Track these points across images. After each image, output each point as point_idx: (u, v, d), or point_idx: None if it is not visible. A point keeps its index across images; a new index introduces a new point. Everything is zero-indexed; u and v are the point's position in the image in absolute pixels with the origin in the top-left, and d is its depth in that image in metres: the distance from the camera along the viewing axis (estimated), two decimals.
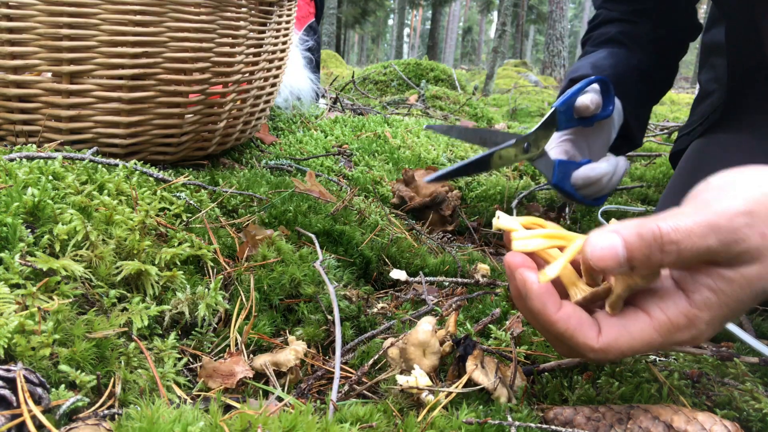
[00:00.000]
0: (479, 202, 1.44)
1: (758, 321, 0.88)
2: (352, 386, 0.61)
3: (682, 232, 0.45)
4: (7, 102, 0.92)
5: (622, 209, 1.39)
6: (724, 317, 0.47)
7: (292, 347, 0.65)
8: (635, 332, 0.48)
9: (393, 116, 2.08)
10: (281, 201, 0.99)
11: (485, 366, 0.60)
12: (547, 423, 0.54)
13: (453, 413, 0.55)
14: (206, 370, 0.61)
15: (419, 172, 1.39)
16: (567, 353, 0.54)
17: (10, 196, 0.65)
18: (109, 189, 0.79)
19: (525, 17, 17.04)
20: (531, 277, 0.50)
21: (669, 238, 0.45)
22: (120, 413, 0.51)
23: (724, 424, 0.51)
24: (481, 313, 0.79)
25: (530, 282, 0.50)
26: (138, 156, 1.02)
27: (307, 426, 0.49)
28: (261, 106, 1.24)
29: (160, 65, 0.96)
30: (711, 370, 0.65)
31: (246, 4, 1.04)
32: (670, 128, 2.34)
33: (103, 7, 0.89)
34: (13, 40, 0.88)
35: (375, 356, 0.64)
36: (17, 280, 0.57)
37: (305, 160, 1.39)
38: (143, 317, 0.62)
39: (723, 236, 0.45)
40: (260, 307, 0.74)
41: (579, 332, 0.49)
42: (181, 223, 0.81)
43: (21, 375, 0.46)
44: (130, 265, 0.66)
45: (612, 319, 0.50)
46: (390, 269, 0.91)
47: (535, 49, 34.51)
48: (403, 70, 3.92)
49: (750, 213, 0.46)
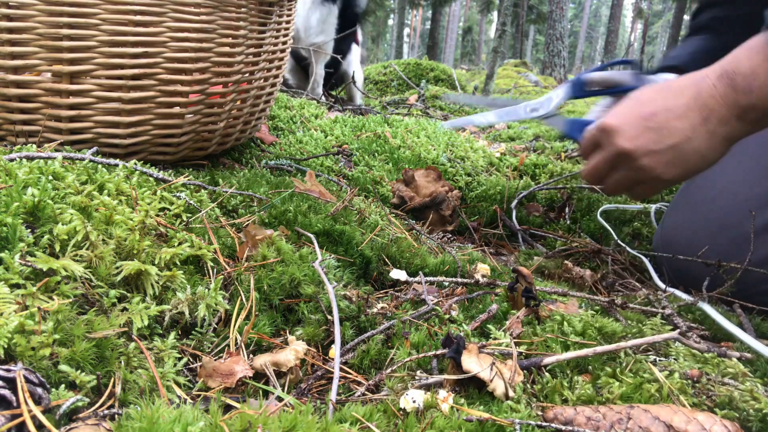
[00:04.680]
0: (479, 202, 1.44)
1: (758, 321, 0.88)
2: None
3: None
4: (7, 102, 0.92)
5: (621, 208, 1.39)
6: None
7: (292, 347, 0.65)
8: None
9: (393, 116, 2.08)
10: (281, 201, 0.99)
11: (481, 360, 0.60)
12: (548, 422, 0.54)
13: (453, 413, 0.55)
14: (206, 370, 0.61)
15: (419, 172, 1.39)
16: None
17: (10, 196, 0.65)
18: (109, 189, 0.79)
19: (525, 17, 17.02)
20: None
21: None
22: (120, 413, 0.51)
23: (724, 424, 0.51)
24: (480, 314, 0.79)
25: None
26: (138, 156, 1.02)
27: (307, 426, 0.49)
28: (261, 106, 1.24)
29: (160, 65, 0.96)
30: (711, 369, 0.65)
31: (246, 4, 1.04)
32: None
33: (103, 7, 0.89)
34: (13, 40, 0.88)
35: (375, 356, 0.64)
36: (17, 280, 0.57)
37: (305, 160, 1.39)
38: (143, 317, 0.62)
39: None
40: (260, 307, 0.74)
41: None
42: (181, 223, 0.81)
43: (21, 375, 0.46)
44: (130, 265, 0.66)
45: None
46: (390, 269, 0.91)
47: (535, 49, 34.49)
48: (403, 70, 3.92)
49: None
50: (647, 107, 0.79)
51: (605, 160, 0.85)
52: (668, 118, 0.77)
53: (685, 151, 0.77)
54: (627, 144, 0.80)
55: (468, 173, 1.56)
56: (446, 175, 1.50)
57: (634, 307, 0.82)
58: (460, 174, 1.53)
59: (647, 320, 0.79)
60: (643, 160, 0.79)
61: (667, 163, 0.79)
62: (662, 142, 0.78)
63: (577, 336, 0.71)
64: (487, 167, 1.67)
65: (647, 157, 0.79)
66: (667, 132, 0.78)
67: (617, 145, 0.81)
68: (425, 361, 0.66)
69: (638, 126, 0.79)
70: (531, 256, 1.19)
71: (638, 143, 0.79)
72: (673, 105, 0.78)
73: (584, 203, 1.44)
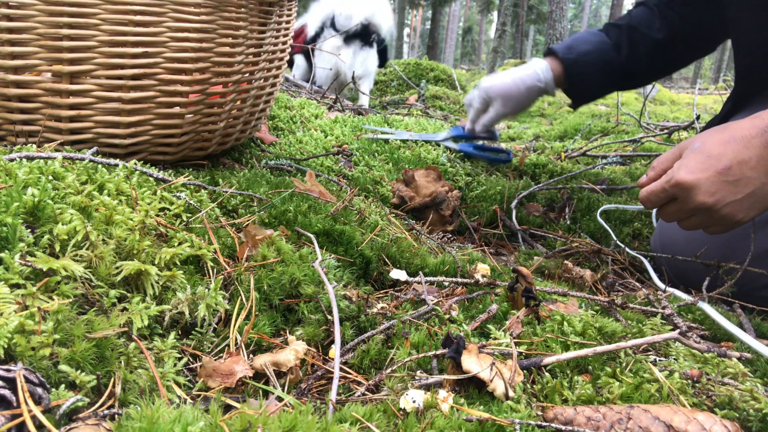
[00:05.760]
0: (479, 202, 1.44)
1: (758, 321, 0.88)
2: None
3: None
4: (7, 102, 0.92)
5: (621, 208, 1.39)
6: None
7: (292, 347, 0.65)
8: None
9: (393, 116, 2.08)
10: (281, 201, 0.99)
11: (481, 360, 0.60)
12: (548, 422, 0.54)
13: (453, 413, 0.55)
14: (206, 370, 0.61)
15: (419, 172, 1.39)
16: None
17: (10, 196, 0.65)
18: (109, 189, 0.79)
19: (525, 17, 17.03)
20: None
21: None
22: (120, 413, 0.51)
23: (724, 424, 0.51)
24: (480, 314, 0.79)
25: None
26: (138, 156, 1.02)
27: (307, 426, 0.49)
28: (261, 106, 1.24)
29: (160, 65, 0.96)
30: (711, 369, 0.65)
31: (246, 4, 1.04)
32: (670, 128, 2.34)
33: (103, 7, 0.89)
34: (13, 40, 0.88)
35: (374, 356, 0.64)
36: (17, 280, 0.57)
37: (305, 160, 1.39)
38: (143, 317, 0.62)
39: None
40: (260, 307, 0.74)
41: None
42: (181, 223, 0.81)
43: (21, 375, 0.46)
44: (130, 265, 0.66)
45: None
46: (390, 269, 0.91)
47: (535, 49, 34.48)
48: (403, 70, 3.91)
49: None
50: (721, 162, 0.85)
51: (684, 211, 0.90)
52: (743, 170, 0.84)
53: (761, 195, 0.85)
54: (708, 199, 0.85)
55: (468, 173, 1.56)
56: (446, 175, 1.50)
57: (634, 307, 0.82)
58: (460, 174, 1.53)
59: (647, 320, 0.79)
60: (725, 210, 0.86)
61: (746, 208, 0.86)
62: (740, 192, 0.85)
63: (577, 336, 0.71)
64: (487, 167, 1.67)
65: (728, 207, 0.86)
66: (744, 182, 0.84)
67: (697, 201, 0.86)
68: (425, 361, 0.66)
69: (716, 181, 0.85)
70: (531, 256, 1.19)
71: (718, 197, 0.85)
72: (745, 157, 0.84)
73: (584, 203, 1.44)
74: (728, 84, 6.70)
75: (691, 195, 0.86)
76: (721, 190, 0.85)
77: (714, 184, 0.85)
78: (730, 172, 0.84)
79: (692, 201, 0.86)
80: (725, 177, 0.84)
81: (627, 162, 1.91)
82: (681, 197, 0.88)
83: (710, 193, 0.85)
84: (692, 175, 0.86)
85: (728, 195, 0.84)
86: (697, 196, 0.86)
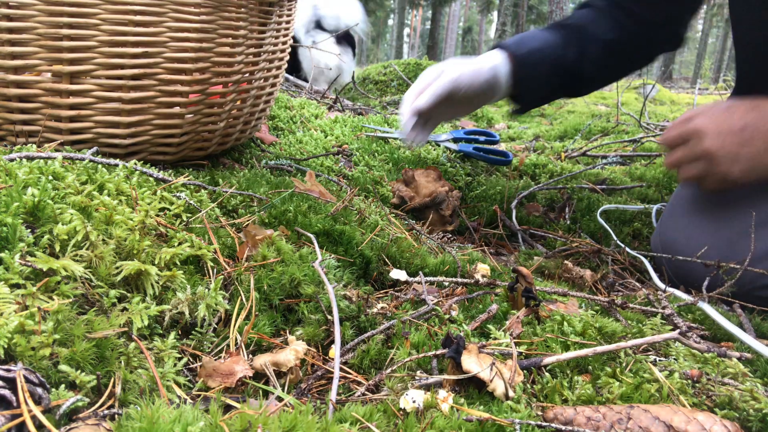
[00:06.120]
0: (479, 202, 1.44)
1: (758, 321, 0.88)
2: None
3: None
4: (7, 102, 0.92)
5: (621, 208, 1.39)
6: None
7: (292, 347, 0.65)
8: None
9: (393, 116, 2.08)
10: (281, 201, 0.99)
11: (481, 360, 0.60)
12: (548, 422, 0.54)
13: (453, 413, 0.55)
14: (206, 370, 0.61)
15: (419, 172, 1.39)
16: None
17: (10, 196, 0.65)
18: (109, 189, 0.79)
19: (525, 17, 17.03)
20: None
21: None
22: (120, 413, 0.51)
23: (724, 424, 0.51)
24: (480, 314, 0.79)
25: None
26: (138, 156, 1.02)
27: (307, 426, 0.49)
28: (261, 106, 1.24)
29: (160, 65, 0.96)
30: (711, 369, 0.65)
31: (246, 4, 1.04)
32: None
33: (103, 7, 0.89)
34: (13, 40, 0.88)
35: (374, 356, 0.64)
36: (17, 280, 0.57)
37: (305, 160, 1.39)
38: (143, 317, 0.62)
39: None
40: (260, 307, 0.74)
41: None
42: (181, 223, 0.81)
43: (21, 375, 0.46)
44: (130, 265, 0.66)
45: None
46: (390, 269, 0.91)
47: None
48: (403, 70, 3.91)
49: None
50: (739, 122, 0.93)
51: (689, 156, 0.98)
52: (754, 136, 0.92)
53: (763, 162, 0.92)
54: (714, 147, 0.94)
55: (468, 173, 1.56)
56: (446, 175, 1.50)
57: (634, 307, 0.82)
58: (460, 174, 1.53)
59: (647, 320, 0.79)
60: (724, 163, 0.94)
61: (745, 169, 0.93)
62: (745, 153, 0.92)
63: (577, 336, 0.71)
64: (487, 167, 1.67)
65: (728, 162, 0.93)
66: (751, 144, 0.92)
67: (704, 146, 0.95)
68: (425, 361, 0.66)
69: (727, 135, 0.93)
70: (531, 256, 1.19)
71: (726, 150, 0.93)
72: (761, 126, 0.92)
73: (584, 203, 1.44)
74: (728, 84, 6.71)
75: (702, 140, 0.95)
76: (730, 144, 0.92)
77: (725, 137, 0.93)
78: (744, 134, 0.92)
79: (700, 146, 0.95)
80: (738, 136, 0.92)
81: (627, 162, 1.91)
82: (692, 141, 0.97)
83: (718, 143, 0.93)
84: (710, 124, 0.94)
85: (733, 150, 0.92)
86: (706, 142, 0.94)
